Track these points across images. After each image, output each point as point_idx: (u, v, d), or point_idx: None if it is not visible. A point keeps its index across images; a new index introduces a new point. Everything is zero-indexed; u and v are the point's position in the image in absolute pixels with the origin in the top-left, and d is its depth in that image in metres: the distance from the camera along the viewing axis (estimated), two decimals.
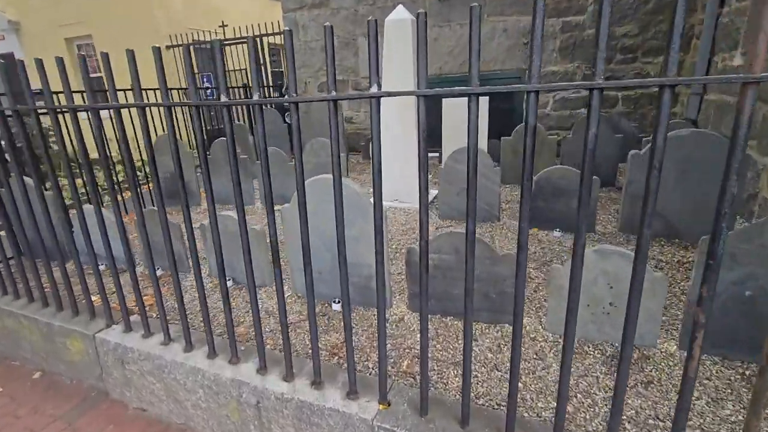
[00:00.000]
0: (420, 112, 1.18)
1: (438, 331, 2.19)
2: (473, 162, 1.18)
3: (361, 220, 2.28)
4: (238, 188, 1.50)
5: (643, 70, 5.51)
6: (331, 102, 1.30)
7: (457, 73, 6.49)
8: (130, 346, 2.07)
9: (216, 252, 1.65)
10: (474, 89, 1.10)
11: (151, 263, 1.91)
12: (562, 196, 3.39)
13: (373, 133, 1.26)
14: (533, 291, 2.50)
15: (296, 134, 1.37)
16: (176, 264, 1.85)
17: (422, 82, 1.16)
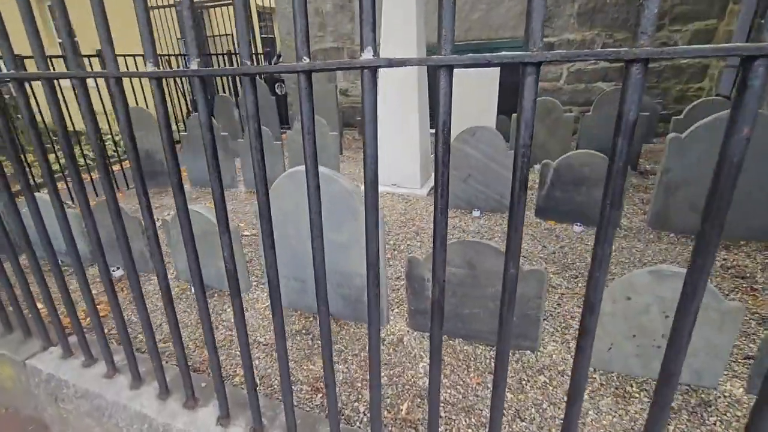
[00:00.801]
0: (442, 87, 0.74)
1: (444, 358, 1.80)
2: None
3: (351, 223, 1.85)
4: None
5: (669, 40, 4.95)
6: (302, 74, 0.85)
7: (464, 41, 5.90)
8: (65, 378, 1.68)
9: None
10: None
11: (104, 265, 1.47)
12: (584, 185, 2.96)
13: (365, 113, 0.81)
14: (556, 305, 2.11)
15: (249, 120, 0.93)
16: (134, 265, 1.42)
17: (446, 45, 0.70)
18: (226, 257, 1.08)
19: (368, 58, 0.77)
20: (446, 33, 0.71)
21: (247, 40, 0.87)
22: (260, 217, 1.00)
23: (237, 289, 1.13)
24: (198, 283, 1.17)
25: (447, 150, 0.78)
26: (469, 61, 0.70)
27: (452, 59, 0.71)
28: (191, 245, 1.15)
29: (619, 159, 0.67)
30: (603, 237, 0.74)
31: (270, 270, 1.04)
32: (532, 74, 0.68)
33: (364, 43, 0.77)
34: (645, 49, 0.59)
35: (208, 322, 1.24)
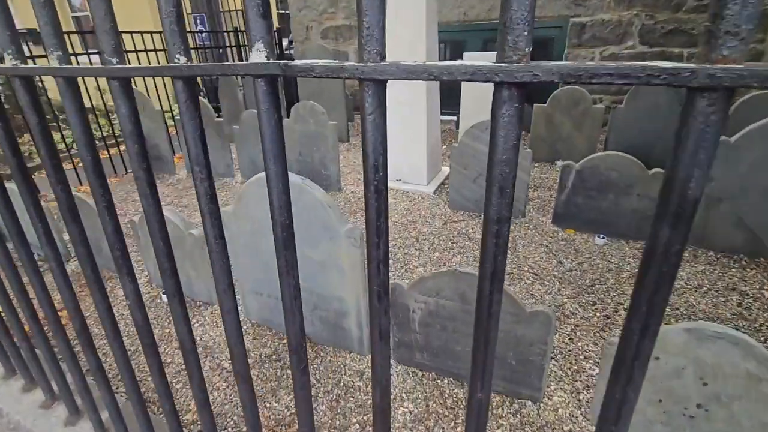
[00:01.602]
0: (368, 110, 0.45)
1: (428, 401, 1.54)
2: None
3: (327, 241, 1.58)
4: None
5: None
6: (179, 80, 0.57)
7: (485, 20, 5.42)
8: (0, 406, 1.50)
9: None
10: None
11: (59, 260, 1.27)
12: (610, 192, 2.60)
13: (263, 139, 0.53)
14: (567, 339, 1.81)
15: None
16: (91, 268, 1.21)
17: (371, 46, 0.41)
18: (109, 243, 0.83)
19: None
20: (371, 29, 0.41)
21: (108, 29, 0.59)
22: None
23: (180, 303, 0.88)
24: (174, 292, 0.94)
25: (382, 211, 0.50)
26: (406, 74, 0.40)
27: (383, 69, 0.41)
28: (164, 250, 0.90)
29: (663, 261, 0.38)
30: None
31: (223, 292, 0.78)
32: (510, 99, 0.38)
33: (253, 39, 0.48)
34: (731, 67, 0.29)
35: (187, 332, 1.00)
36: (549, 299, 2.08)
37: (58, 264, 1.02)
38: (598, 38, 4.89)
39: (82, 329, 1.10)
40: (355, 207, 3.27)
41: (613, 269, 2.31)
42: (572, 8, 4.88)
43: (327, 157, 3.49)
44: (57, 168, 0.83)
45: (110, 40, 0.60)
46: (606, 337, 1.81)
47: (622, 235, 2.62)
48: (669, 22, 4.55)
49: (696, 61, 0.31)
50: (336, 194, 3.53)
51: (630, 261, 2.37)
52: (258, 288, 1.89)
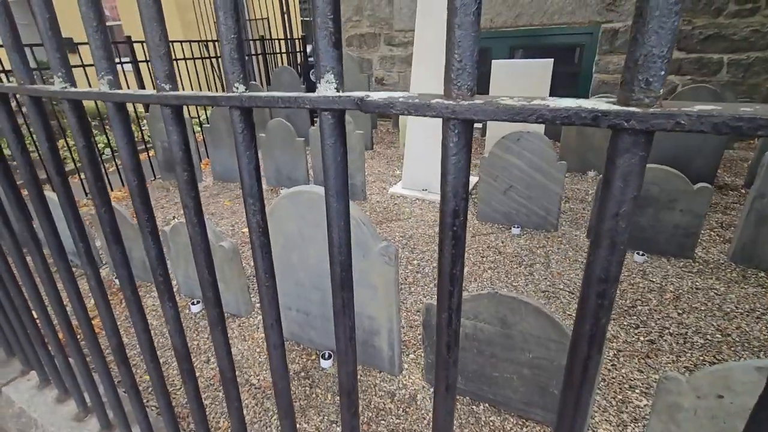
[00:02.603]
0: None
1: (463, 428, 1.47)
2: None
3: (360, 258, 1.54)
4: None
5: (764, 27, 4.17)
6: (237, 110, 0.54)
7: (512, 27, 5.33)
8: (35, 416, 1.51)
9: None
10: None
11: (93, 264, 1.27)
12: (650, 206, 2.48)
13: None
14: (610, 366, 1.71)
15: None
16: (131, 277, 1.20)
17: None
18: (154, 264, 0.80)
19: (330, 94, 0.44)
20: (463, 62, 0.37)
21: (162, 55, 0.57)
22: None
23: (219, 315, 0.85)
24: (213, 303, 0.91)
25: (458, 258, 0.45)
26: (509, 116, 0.36)
27: (479, 109, 0.37)
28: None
29: None
30: None
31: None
32: (635, 147, 0.32)
33: (323, 69, 0.44)
34: None
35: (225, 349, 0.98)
36: None
37: (96, 278, 1.01)
38: None
39: (118, 348, 1.08)
40: (381, 217, 3.23)
41: (655, 289, 2.19)
42: (604, 14, 4.74)
43: (353, 166, 3.46)
44: (102, 192, 0.81)
45: (164, 66, 0.58)
46: (652, 365, 1.70)
47: (663, 252, 2.49)
48: (707, 27, 4.37)
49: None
50: (362, 203, 3.50)
51: (673, 281, 2.25)
52: (287, 303, 1.86)
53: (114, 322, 1.06)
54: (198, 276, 0.73)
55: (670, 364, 1.70)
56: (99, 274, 1.02)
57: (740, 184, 3.43)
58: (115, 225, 0.87)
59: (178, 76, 4.59)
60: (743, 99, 4.37)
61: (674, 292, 2.15)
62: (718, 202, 3.13)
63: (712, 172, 3.40)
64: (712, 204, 3.09)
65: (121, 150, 0.71)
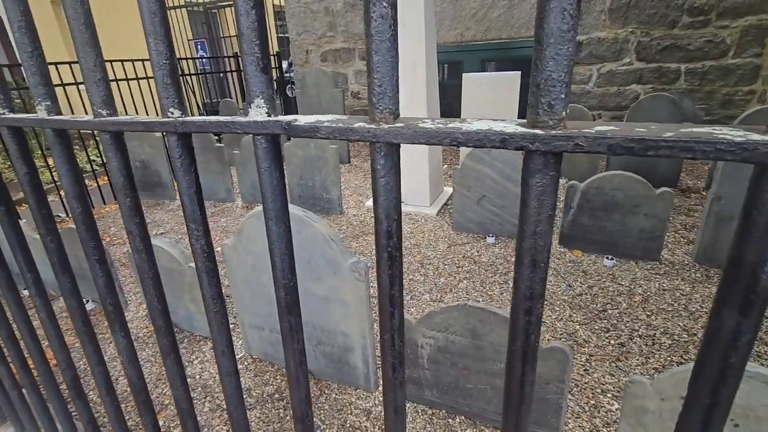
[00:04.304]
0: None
1: None
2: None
3: (330, 275, 1.53)
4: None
5: (716, 37, 4.40)
6: (173, 135, 0.53)
7: (482, 41, 5.48)
8: None
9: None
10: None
11: (43, 298, 1.21)
12: (616, 212, 2.55)
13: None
14: (582, 371, 1.73)
15: None
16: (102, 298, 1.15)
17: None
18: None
19: (260, 119, 0.44)
20: (383, 86, 0.37)
21: (98, 81, 0.56)
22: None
23: (172, 342, 0.83)
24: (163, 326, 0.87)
25: (396, 279, 0.45)
26: (426, 139, 0.36)
27: (398, 133, 0.37)
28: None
29: (731, 352, 0.33)
30: None
31: None
32: (545, 167, 0.33)
33: (252, 94, 0.44)
34: None
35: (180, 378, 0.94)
36: (561, 326, 2.00)
37: (47, 310, 0.97)
38: (595, 56, 4.93)
39: (72, 382, 1.04)
40: (357, 231, 3.22)
41: (624, 292, 2.24)
42: None
43: (328, 180, 3.45)
44: (47, 219, 0.78)
45: (100, 92, 0.57)
46: (622, 368, 1.73)
47: (631, 255, 2.56)
48: (664, 38, 4.59)
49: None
50: (338, 217, 3.49)
51: (641, 283, 2.31)
52: (259, 323, 1.82)
53: (67, 354, 1.02)
54: (147, 305, 0.71)
55: (639, 366, 1.73)
56: (50, 306, 0.98)
57: (701, 187, 3.57)
58: (63, 254, 0.84)
59: (140, 95, 4.52)
60: (700, 105, 4.58)
61: (642, 294, 2.21)
62: (682, 205, 3.24)
63: (675, 177, 3.54)
64: (676, 207, 3.20)
65: (63, 177, 0.69)
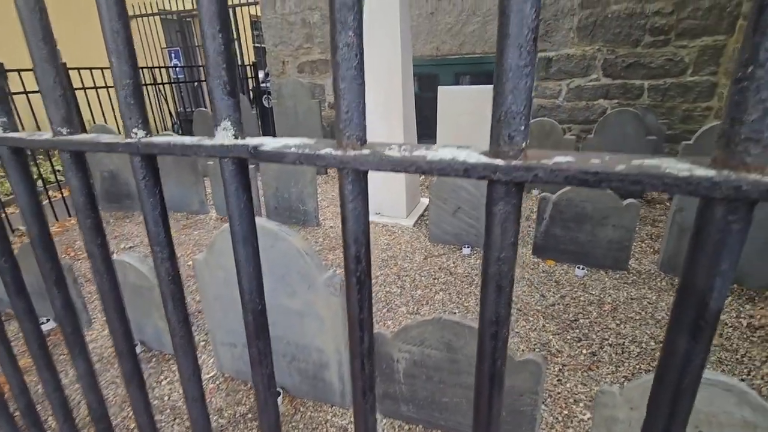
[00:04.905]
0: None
1: None
2: None
3: (305, 290, 1.51)
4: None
5: (675, 56, 4.66)
6: (137, 156, 0.51)
7: (456, 55, 5.60)
8: None
9: None
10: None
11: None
12: (586, 223, 2.63)
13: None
14: (555, 381, 1.76)
15: None
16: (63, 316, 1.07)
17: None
18: None
19: (226, 142, 0.44)
20: (350, 112, 0.37)
21: (57, 98, 0.54)
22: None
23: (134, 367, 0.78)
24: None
25: (365, 303, 0.45)
26: (391, 166, 0.36)
27: (365, 160, 0.37)
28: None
29: (684, 376, 0.34)
30: None
31: None
32: (507, 196, 0.34)
33: (219, 117, 0.44)
34: (758, 180, 0.26)
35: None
36: (534, 336, 2.04)
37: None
38: (564, 71, 5.12)
39: (27, 409, 0.98)
40: (334, 243, 3.20)
41: (595, 302, 2.30)
42: (539, 44, 5.10)
43: (304, 192, 3.43)
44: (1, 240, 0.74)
45: (59, 110, 0.55)
46: (594, 377, 1.77)
47: (601, 265, 2.64)
48: (629, 56, 4.82)
49: (714, 164, 0.28)
50: (315, 229, 3.46)
51: (610, 292, 2.38)
52: (232, 340, 1.77)
53: (21, 380, 0.96)
54: (109, 328, 0.68)
55: (610, 375, 1.77)
56: (2, 325, 0.92)
57: (666, 198, 3.73)
58: (17, 274, 0.79)
59: (100, 105, 4.40)
60: (663, 120, 4.82)
61: (612, 303, 2.27)
62: (648, 215, 3.38)
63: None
64: (642, 217, 3.33)
65: (18, 197, 0.65)
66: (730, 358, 1.84)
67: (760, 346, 1.91)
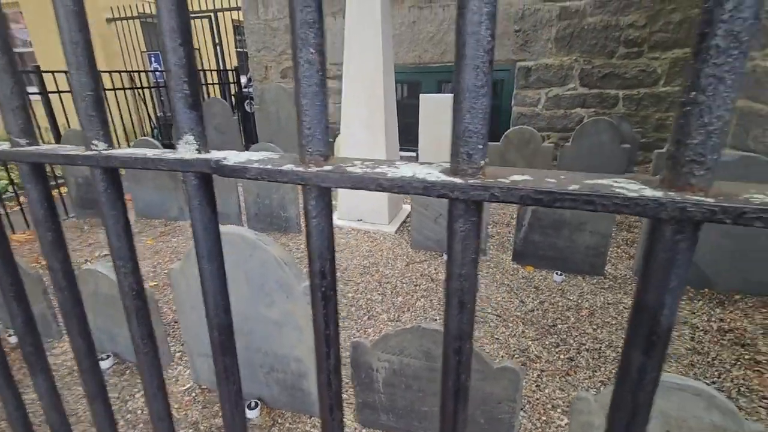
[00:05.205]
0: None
1: None
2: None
3: (283, 299, 1.49)
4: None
5: (648, 67, 4.82)
6: (98, 168, 0.50)
7: (438, 63, 5.67)
8: None
9: None
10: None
11: None
12: (564, 229, 2.68)
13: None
14: (534, 386, 1.78)
15: None
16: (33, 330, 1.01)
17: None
18: None
19: (188, 157, 0.43)
20: (312, 129, 0.37)
21: (15, 108, 0.52)
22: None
23: None
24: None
25: (331, 319, 0.44)
26: (352, 183, 0.36)
27: (326, 177, 0.37)
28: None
29: (639, 389, 0.34)
30: None
31: None
32: (466, 214, 0.34)
33: (180, 131, 0.43)
34: (702, 201, 0.27)
35: None
36: (514, 343, 2.06)
37: None
38: (543, 80, 5.23)
39: None
40: None
41: (573, 307, 2.34)
42: (518, 53, 5.22)
43: (286, 198, 3.40)
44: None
45: (17, 120, 0.53)
46: (571, 382, 1.80)
47: (579, 271, 2.69)
48: (604, 67, 4.96)
49: (662, 185, 0.29)
50: (296, 236, 3.43)
51: (588, 297, 2.42)
52: (209, 350, 1.73)
53: None
54: (71, 344, 0.65)
55: (587, 380, 1.80)
56: None
57: None
58: None
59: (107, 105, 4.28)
60: (637, 128, 4.96)
61: (589, 308, 2.32)
62: (624, 221, 3.46)
63: None
64: (618, 223, 3.41)
65: None
66: (701, 362, 1.89)
67: (729, 349, 1.97)
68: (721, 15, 0.25)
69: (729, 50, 0.25)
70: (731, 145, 3.57)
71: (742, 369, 1.84)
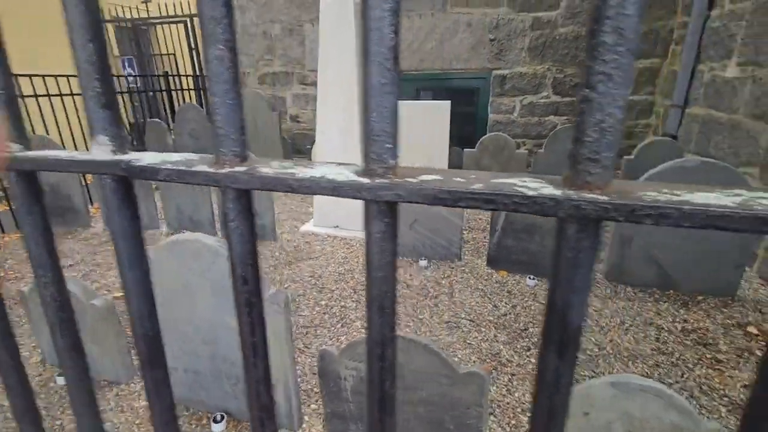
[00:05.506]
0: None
1: None
2: None
3: None
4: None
5: None
6: (12, 171, 0.47)
7: (416, 71, 5.73)
8: None
9: None
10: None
11: None
12: (536, 234, 2.72)
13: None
14: (505, 390, 1.78)
15: None
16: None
17: None
18: None
19: (101, 158, 0.41)
20: (224, 128, 0.36)
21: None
22: None
23: None
24: None
25: (256, 326, 0.42)
26: (261, 184, 0.35)
27: (236, 178, 0.36)
28: None
29: (554, 391, 0.34)
30: None
31: None
32: (380, 215, 0.33)
33: (94, 131, 0.41)
34: (596, 198, 0.27)
35: None
36: (486, 347, 2.06)
37: None
38: (518, 89, 5.34)
39: None
40: (291, 257, 3.13)
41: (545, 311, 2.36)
42: (493, 61, 5.31)
43: (261, 206, 3.35)
44: None
45: None
46: None
47: (550, 275, 2.72)
48: (576, 76, 5.10)
49: (563, 184, 0.29)
50: (271, 243, 3.37)
51: None
52: (173, 363, 1.68)
53: None
54: (55, 350, 0.61)
55: None
56: None
57: None
58: None
59: (64, 112, 4.15)
60: None
61: None
62: None
63: None
64: None
65: None
66: (665, 362, 1.93)
67: (693, 349, 2.02)
68: (607, 12, 0.25)
69: (616, 47, 0.25)
70: (694, 152, 3.71)
71: (704, 368, 1.88)
